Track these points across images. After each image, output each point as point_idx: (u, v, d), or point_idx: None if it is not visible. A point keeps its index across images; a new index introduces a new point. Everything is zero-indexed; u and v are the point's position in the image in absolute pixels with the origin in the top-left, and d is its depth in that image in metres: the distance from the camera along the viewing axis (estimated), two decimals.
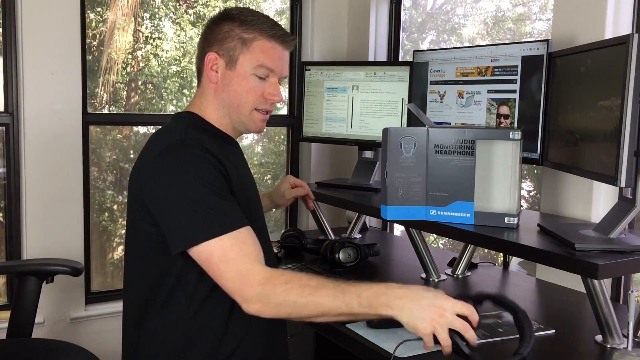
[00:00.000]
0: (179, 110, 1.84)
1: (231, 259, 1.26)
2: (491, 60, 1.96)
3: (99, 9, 2.88)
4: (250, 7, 3.04)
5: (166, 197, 1.31)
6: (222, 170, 1.33)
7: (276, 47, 1.41)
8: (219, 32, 1.42)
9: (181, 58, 3.12)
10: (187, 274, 1.36)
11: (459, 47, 2.14)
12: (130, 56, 3.03)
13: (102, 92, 2.96)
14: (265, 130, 1.69)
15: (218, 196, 1.29)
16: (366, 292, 1.22)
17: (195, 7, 3.15)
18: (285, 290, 1.25)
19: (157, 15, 3.08)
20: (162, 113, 3.12)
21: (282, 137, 3.27)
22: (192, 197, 1.28)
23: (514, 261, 2.86)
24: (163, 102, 3.18)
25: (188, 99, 3.18)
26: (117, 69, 2.99)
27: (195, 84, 1.58)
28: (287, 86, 3.06)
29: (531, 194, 3.32)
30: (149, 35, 3.06)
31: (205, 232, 1.26)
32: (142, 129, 3.10)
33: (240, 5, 3.19)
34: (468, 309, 1.18)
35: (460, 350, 1.17)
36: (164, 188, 1.31)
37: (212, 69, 1.42)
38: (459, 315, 1.17)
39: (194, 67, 1.57)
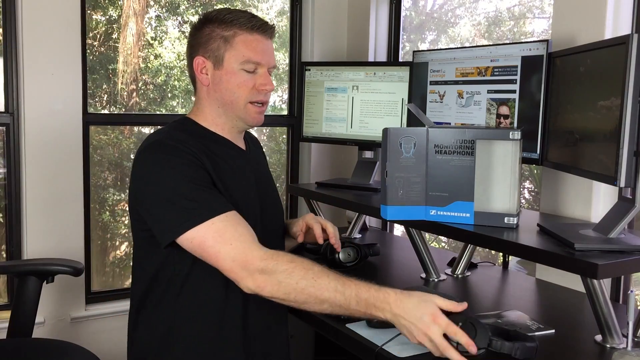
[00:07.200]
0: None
1: (227, 239, 1.28)
2: (491, 61, 1.96)
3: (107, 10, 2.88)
4: (249, 8, 3.04)
5: (150, 195, 1.33)
6: (201, 165, 1.35)
7: (258, 39, 1.44)
8: (201, 36, 1.46)
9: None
10: (172, 275, 1.40)
11: (459, 47, 2.14)
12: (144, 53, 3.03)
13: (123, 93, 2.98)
14: (267, 129, 1.70)
15: (199, 187, 1.32)
16: (364, 294, 1.24)
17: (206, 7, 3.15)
18: (289, 269, 1.25)
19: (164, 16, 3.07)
20: (162, 113, 3.12)
21: (284, 136, 3.27)
22: (173, 190, 1.31)
23: (513, 260, 2.85)
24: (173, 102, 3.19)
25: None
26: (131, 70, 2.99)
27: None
28: (287, 86, 3.06)
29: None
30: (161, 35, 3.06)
31: (193, 218, 1.28)
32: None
33: (239, 6, 3.19)
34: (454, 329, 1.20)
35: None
36: (146, 186, 1.34)
37: (202, 72, 1.47)
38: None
39: None
